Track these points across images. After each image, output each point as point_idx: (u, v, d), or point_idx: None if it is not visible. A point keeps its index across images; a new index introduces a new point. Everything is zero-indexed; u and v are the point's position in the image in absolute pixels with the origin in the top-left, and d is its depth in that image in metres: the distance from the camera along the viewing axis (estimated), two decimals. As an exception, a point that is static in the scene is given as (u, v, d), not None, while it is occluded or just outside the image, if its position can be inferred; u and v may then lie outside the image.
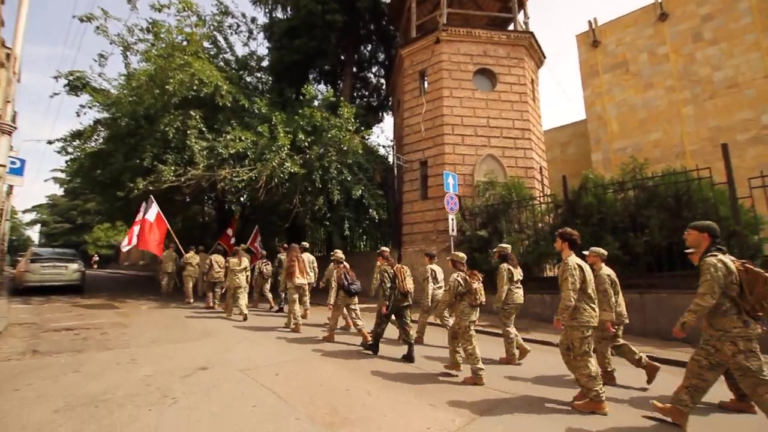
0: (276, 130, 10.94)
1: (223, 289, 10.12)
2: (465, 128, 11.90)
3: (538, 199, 10.18)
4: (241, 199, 20.26)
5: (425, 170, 12.14)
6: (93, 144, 13.60)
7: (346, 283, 6.42)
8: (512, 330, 5.45)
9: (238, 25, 15.28)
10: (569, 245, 4.02)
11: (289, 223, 11.89)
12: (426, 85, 12.83)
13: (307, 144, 11.01)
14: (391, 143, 14.56)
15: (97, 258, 41.87)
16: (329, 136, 10.80)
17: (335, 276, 6.61)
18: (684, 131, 18.07)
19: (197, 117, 11.40)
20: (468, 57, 12.30)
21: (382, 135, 38.18)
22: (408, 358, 5.30)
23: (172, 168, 10.91)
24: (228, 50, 15.06)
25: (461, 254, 5.13)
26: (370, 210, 11.59)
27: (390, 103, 19.47)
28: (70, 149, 13.64)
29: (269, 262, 10.40)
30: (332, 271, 6.99)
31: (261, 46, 32.50)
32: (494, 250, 6.14)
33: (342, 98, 12.50)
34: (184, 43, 11.67)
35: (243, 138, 11.19)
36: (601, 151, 20.55)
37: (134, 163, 11.77)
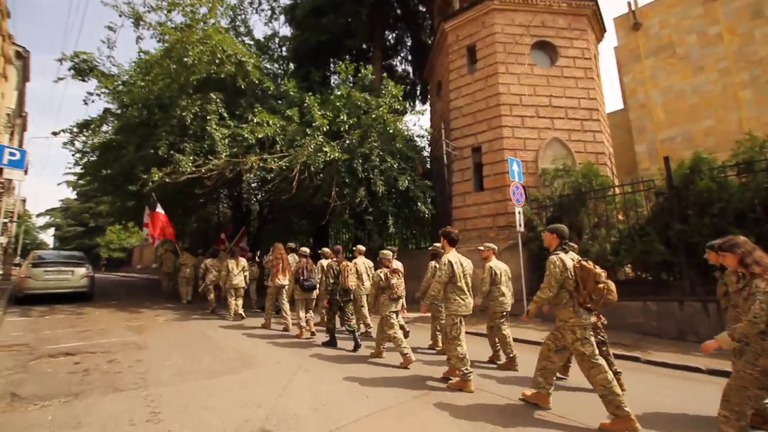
0: (311, 111, 9.28)
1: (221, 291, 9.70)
2: (525, 108, 10.15)
3: (621, 187, 8.40)
4: (258, 196, 18.69)
5: (479, 158, 10.40)
6: (103, 136, 12.03)
7: (302, 278, 6.48)
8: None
9: (260, 2, 13.66)
10: (449, 242, 4.39)
11: (325, 221, 10.13)
12: (475, 62, 11.08)
13: (347, 127, 9.33)
14: (428, 132, 12.80)
15: (105, 261, 40.40)
16: (373, 117, 9.10)
17: (293, 270, 6.74)
18: (743, 116, 16.16)
19: (218, 100, 9.79)
20: (524, 28, 10.56)
21: (416, 125, 35.34)
22: (354, 347, 5.64)
23: (191, 158, 9.31)
24: (246, 34, 13.47)
25: (388, 252, 5.61)
26: (418, 204, 9.87)
27: (418, 91, 17.80)
28: (77, 143, 12.07)
29: (255, 264, 10.06)
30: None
31: (284, 27, 30.63)
32: (429, 248, 6.05)
33: (385, 76, 10.80)
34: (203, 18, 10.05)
35: (270, 122, 9.55)
36: (645, 142, 18.69)
37: (147, 153, 10.17)
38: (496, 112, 10.14)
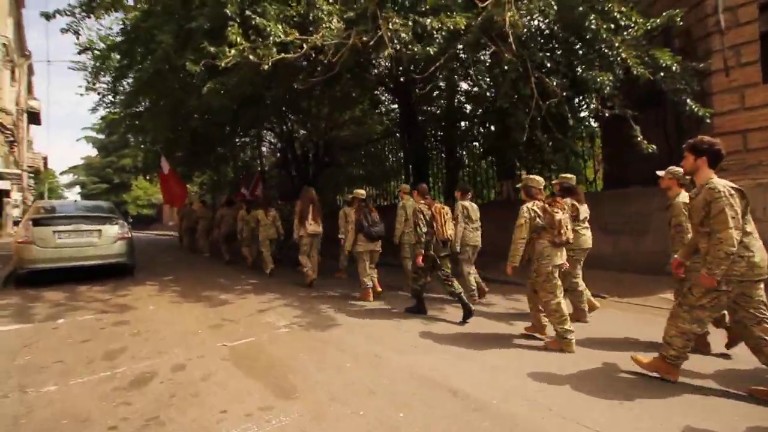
0: None
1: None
2: None
3: None
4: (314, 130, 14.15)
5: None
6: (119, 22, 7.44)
7: (366, 224, 5.01)
8: (580, 282, 4.01)
9: None
10: (708, 161, 2.42)
11: (524, 137, 5.43)
12: None
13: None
14: None
15: (131, 219, 36.45)
16: None
17: (353, 218, 5.36)
18: None
19: None
20: None
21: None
22: (466, 315, 4.01)
23: (279, 26, 4.87)
24: None
25: (539, 178, 3.59)
26: (687, 102, 5.30)
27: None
28: (83, 33, 7.42)
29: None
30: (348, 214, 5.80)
31: None
32: (554, 182, 4.22)
33: None
34: None
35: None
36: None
37: (200, 26, 5.65)
38: None
